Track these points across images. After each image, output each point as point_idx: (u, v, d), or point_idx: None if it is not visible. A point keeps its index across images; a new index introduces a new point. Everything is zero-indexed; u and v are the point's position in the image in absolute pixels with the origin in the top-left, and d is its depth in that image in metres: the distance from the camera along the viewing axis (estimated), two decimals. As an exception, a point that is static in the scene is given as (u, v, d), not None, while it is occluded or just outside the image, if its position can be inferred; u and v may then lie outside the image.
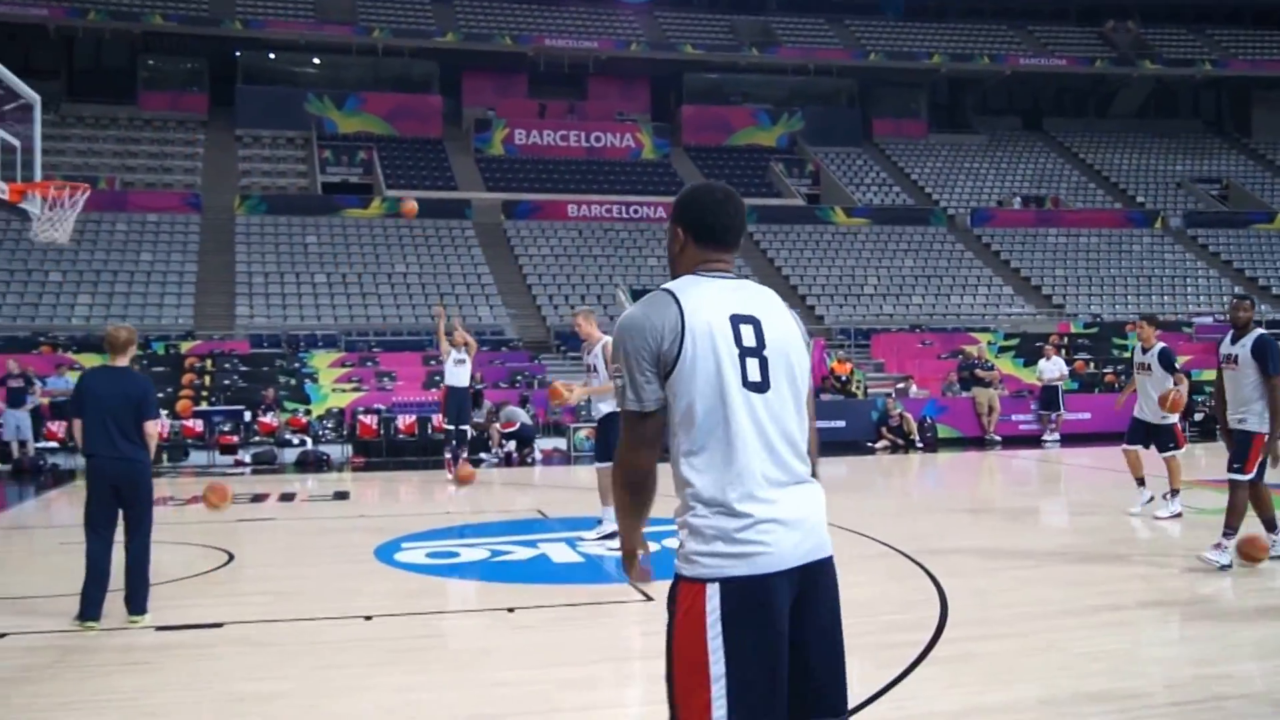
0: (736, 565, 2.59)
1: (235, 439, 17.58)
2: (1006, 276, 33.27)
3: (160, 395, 19.62)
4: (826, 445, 19.57)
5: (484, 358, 23.88)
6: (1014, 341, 26.88)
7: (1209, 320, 29.75)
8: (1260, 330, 8.01)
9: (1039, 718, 4.93)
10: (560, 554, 9.11)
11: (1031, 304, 31.62)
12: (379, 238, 30.56)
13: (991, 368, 21.91)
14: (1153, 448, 10.58)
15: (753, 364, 2.66)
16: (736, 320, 2.68)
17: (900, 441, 19.57)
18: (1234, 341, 8.02)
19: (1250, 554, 7.86)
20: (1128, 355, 22.08)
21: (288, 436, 18.02)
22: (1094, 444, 18.86)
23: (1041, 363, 21.28)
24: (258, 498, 13.71)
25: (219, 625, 6.75)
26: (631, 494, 2.76)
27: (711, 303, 2.68)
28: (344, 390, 21.07)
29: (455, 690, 5.50)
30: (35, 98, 11.46)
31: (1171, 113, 44.73)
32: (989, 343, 26.87)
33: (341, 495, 14.03)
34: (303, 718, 5.12)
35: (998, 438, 20.69)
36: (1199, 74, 41.70)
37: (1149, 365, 10.45)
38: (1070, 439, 20.47)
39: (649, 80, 40.16)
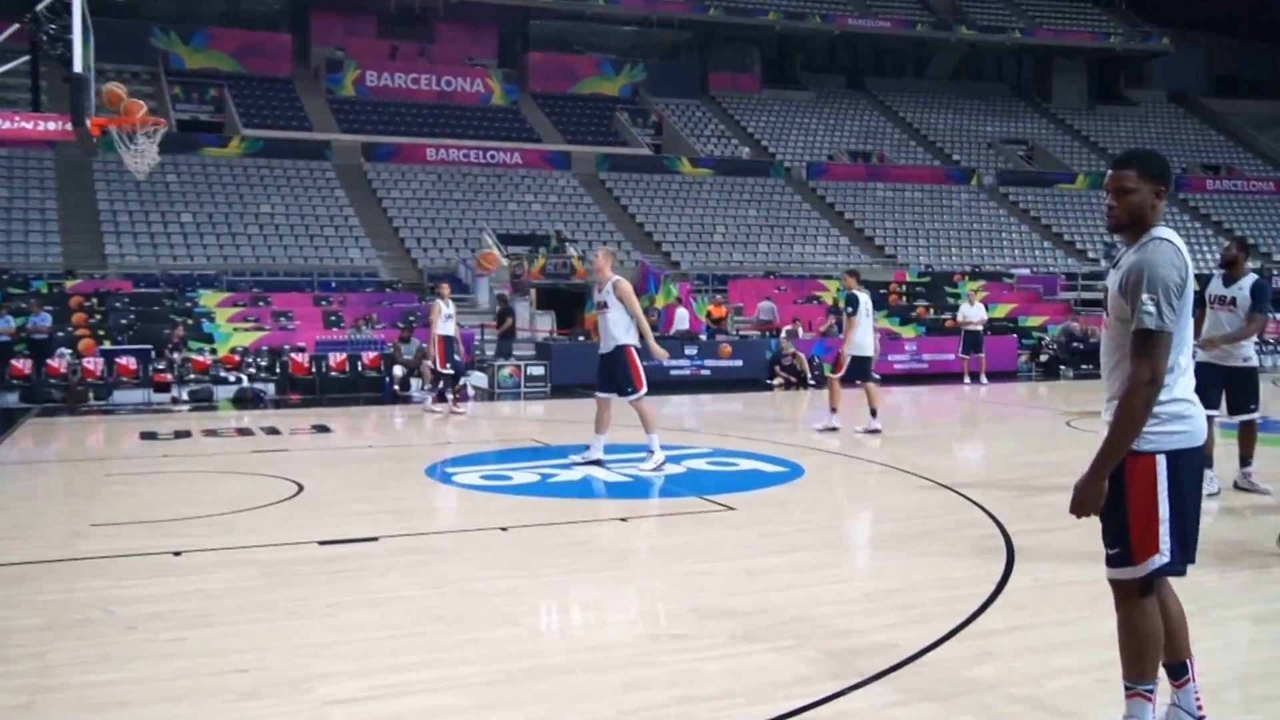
0: (1183, 439, 3.56)
1: (169, 377, 17.51)
2: (842, 227, 35.52)
3: (60, 335, 19.41)
4: (725, 384, 21.13)
5: (370, 298, 24.22)
6: (855, 288, 28.87)
7: (1027, 272, 32.74)
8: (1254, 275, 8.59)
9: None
10: (603, 475, 9.85)
11: (866, 254, 33.94)
12: (239, 177, 30.01)
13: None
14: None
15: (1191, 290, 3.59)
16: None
17: (794, 379, 21.14)
18: (1226, 284, 8.44)
19: None
20: (958, 303, 24.00)
21: (223, 374, 18.05)
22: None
23: (964, 307, 22.07)
24: (243, 431, 14.04)
25: (375, 539, 7.21)
26: (1147, 411, 3.43)
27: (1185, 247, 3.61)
28: (245, 330, 21.03)
29: (669, 580, 6.18)
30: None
31: (980, 76, 48.23)
32: (838, 289, 28.83)
33: (322, 429, 14.24)
34: (557, 604, 5.77)
35: (876, 376, 22.29)
36: (1009, 40, 45.17)
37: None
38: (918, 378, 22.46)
39: (497, 26, 40.35)
